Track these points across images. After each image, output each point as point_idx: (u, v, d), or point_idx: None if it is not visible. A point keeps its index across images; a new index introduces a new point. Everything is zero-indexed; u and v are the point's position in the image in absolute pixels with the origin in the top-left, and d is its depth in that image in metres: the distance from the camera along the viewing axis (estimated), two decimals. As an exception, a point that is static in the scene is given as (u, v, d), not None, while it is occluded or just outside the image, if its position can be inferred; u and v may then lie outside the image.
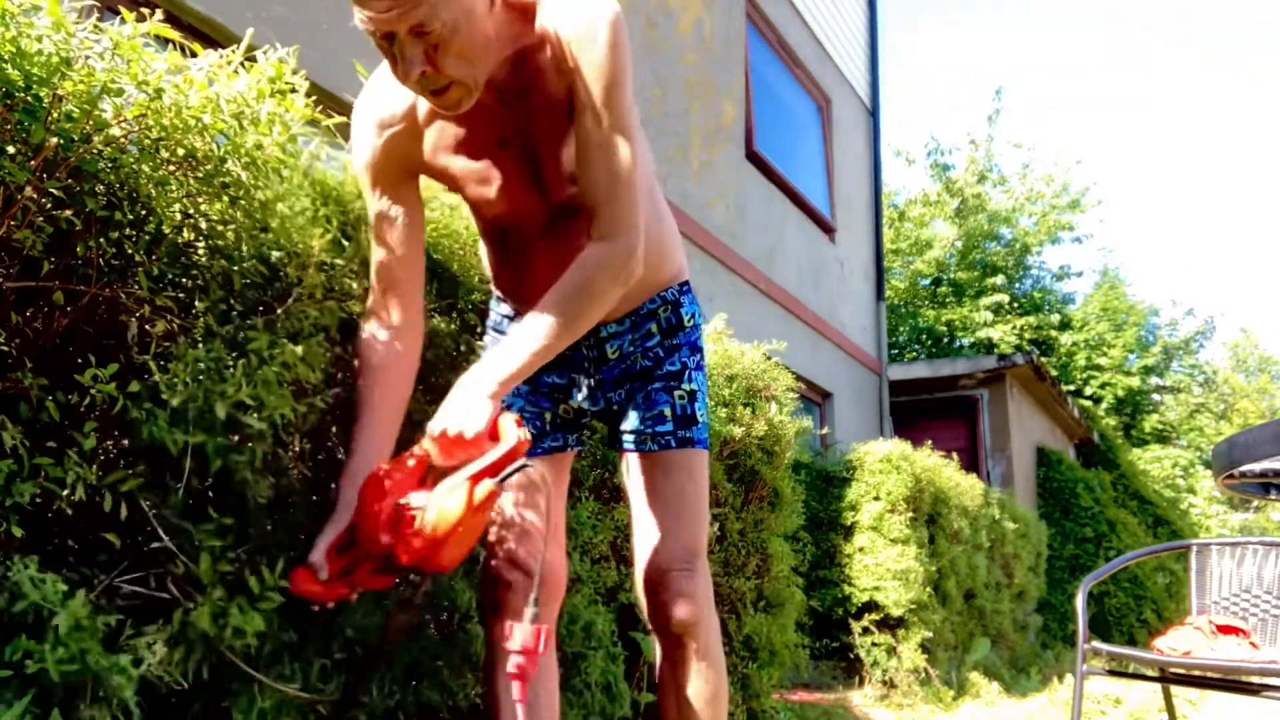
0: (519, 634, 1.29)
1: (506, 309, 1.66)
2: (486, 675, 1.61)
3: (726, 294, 6.74)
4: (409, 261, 1.50)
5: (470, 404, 1.31)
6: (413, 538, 1.31)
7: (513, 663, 1.28)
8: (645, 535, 1.57)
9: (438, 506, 1.30)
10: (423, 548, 1.30)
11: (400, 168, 1.48)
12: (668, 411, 1.57)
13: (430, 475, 1.39)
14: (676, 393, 1.58)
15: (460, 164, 1.46)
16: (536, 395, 1.63)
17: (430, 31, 1.22)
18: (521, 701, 1.28)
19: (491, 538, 1.58)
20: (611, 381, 1.60)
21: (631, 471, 1.61)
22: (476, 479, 1.30)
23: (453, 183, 1.51)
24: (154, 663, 1.28)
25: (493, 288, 1.69)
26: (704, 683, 1.54)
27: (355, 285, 1.73)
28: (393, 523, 1.33)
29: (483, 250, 1.69)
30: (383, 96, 1.46)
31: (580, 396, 1.61)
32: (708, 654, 1.55)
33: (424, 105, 1.44)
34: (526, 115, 1.41)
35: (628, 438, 1.59)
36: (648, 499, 1.57)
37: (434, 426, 1.32)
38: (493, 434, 1.34)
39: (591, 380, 1.60)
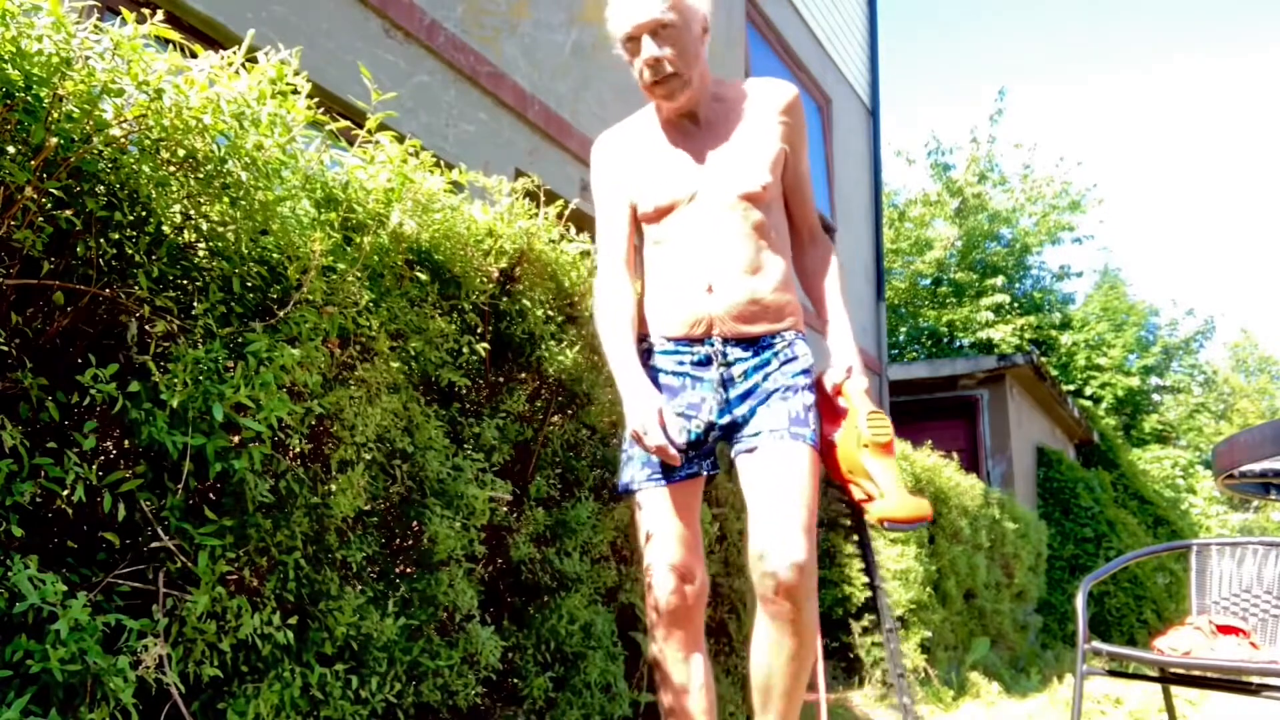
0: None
1: (645, 345, 1.96)
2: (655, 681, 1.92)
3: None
4: (629, 245, 2.00)
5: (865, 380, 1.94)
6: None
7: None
8: (760, 514, 1.77)
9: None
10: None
11: (619, 181, 2.00)
12: (785, 412, 1.84)
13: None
14: (792, 400, 1.86)
15: (654, 166, 1.96)
16: (680, 414, 1.88)
17: (669, 26, 1.81)
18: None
19: (663, 555, 1.85)
20: (737, 399, 1.89)
21: (749, 469, 1.84)
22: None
23: (641, 186, 1.97)
24: (151, 666, 1.28)
25: (649, 326, 1.99)
26: (797, 647, 1.74)
27: (358, 291, 1.73)
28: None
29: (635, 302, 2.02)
30: (611, 134, 2.07)
31: (707, 411, 1.88)
32: (806, 626, 1.73)
33: (634, 136, 2.02)
34: (718, 135, 1.95)
35: (749, 438, 1.85)
36: (763, 483, 1.80)
37: (868, 411, 1.85)
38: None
39: (719, 397, 1.89)
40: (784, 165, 1.98)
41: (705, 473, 1.92)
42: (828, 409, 1.96)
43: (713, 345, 1.88)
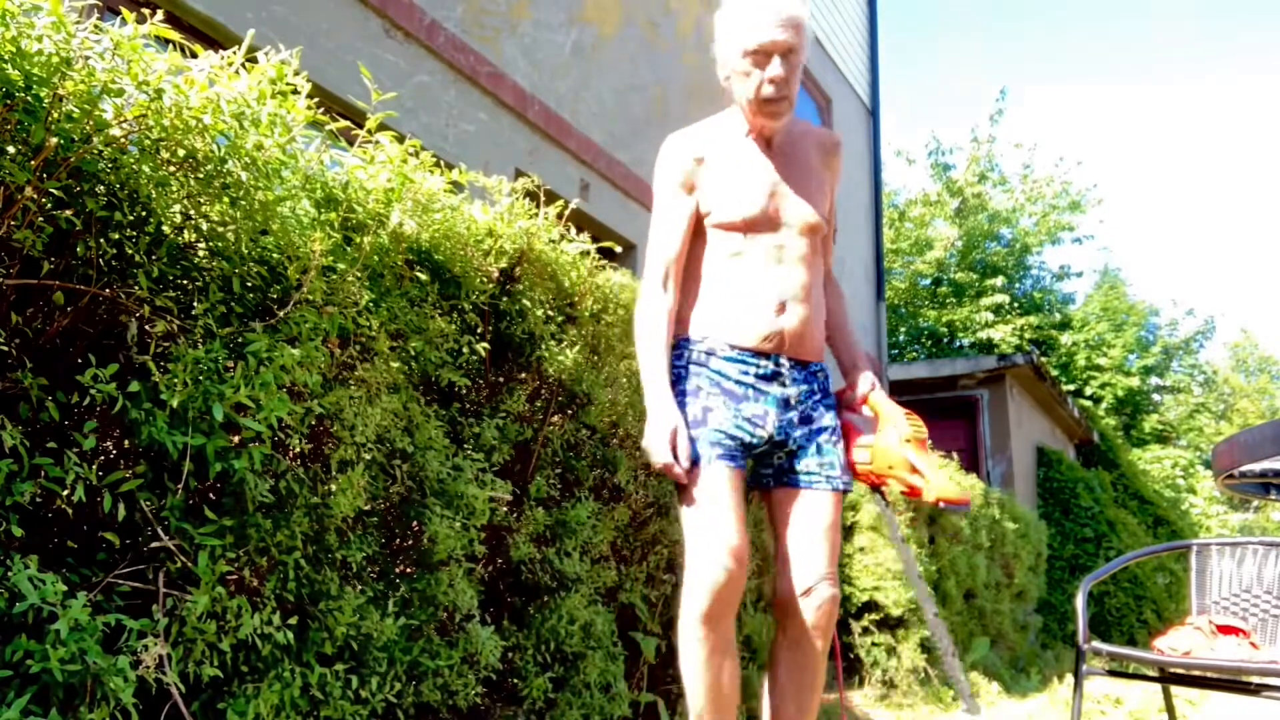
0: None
1: (705, 346, 2.02)
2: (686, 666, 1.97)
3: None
4: (683, 251, 2.05)
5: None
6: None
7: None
8: (802, 552, 1.98)
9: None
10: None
11: (690, 185, 2.05)
12: (836, 460, 2.04)
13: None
14: (839, 447, 2.06)
15: (742, 177, 2.03)
16: (745, 420, 1.98)
17: (795, 52, 1.94)
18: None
19: (722, 535, 1.89)
20: (790, 421, 2.02)
21: (803, 507, 2.01)
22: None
23: (725, 193, 2.02)
24: (151, 666, 1.28)
25: (694, 329, 2.04)
26: (821, 671, 1.98)
27: (358, 291, 1.73)
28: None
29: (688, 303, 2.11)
30: (686, 137, 2.09)
31: (770, 425, 1.99)
32: (827, 651, 1.97)
33: (714, 144, 2.06)
34: (791, 165, 2.07)
35: (807, 475, 2.02)
36: (809, 525, 1.99)
37: (904, 412, 2.07)
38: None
39: (782, 415, 2.01)
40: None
41: (744, 470, 2.02)
42: (847, 423, 2.14)
43: (779, 362, 2.00)
